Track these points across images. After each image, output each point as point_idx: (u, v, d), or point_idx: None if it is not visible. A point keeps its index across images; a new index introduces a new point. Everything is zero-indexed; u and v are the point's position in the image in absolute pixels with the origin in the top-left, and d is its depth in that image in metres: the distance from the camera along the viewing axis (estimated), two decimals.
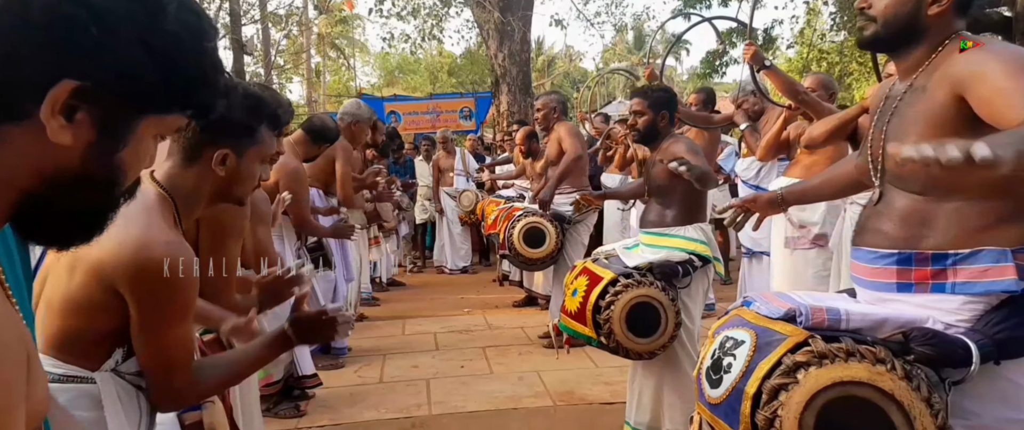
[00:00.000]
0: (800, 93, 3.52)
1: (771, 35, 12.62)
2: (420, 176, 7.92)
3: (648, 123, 2.98)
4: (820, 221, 3.65)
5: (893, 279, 1.46)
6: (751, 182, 4.86)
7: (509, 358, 4.45)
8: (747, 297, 1.62)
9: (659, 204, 3.03)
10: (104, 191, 0.70)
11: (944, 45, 1.45)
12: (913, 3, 1.45)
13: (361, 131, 4.51)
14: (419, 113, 12.04)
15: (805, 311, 1.36)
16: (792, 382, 1.28)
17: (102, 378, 1.27)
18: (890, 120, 1.51)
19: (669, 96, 3.07)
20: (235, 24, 17.50)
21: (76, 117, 0.63)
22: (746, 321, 1.47)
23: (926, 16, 1.44)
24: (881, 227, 1.51)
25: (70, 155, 0.65)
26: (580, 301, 2.78)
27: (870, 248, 1.52)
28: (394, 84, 27.67)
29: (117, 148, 0.68)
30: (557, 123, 4.90)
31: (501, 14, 10.49)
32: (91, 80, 0.63)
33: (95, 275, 1.21)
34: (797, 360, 1.29)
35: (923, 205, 1.44)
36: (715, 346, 1.48)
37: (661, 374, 2.90)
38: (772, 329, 1.39)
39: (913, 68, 1.48)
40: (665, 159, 2.86)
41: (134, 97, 0.67)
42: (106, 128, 0.66)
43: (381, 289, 6.73)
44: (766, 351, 1.34)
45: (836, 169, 1.96)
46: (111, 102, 0.65)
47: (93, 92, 0.63)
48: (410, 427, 3.39)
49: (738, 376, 1.36)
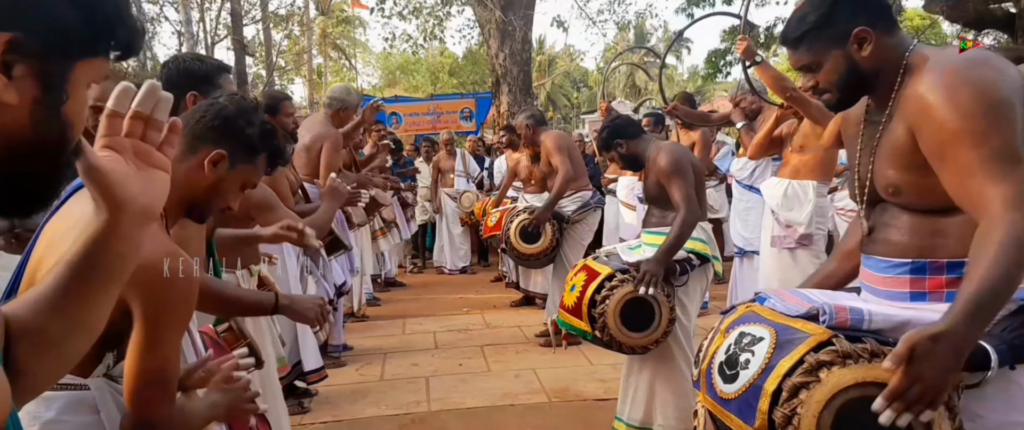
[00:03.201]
0: (789, 89, 3.50)
1: (773, 34, 12.57)
2: (420, 177, 7.97)
3: (623, 155, 3.12)
4: (805, 221, 3.69)
5: (907, 288, 1.44)
6: (745, 182, 4.89)
7: (506, 356, 4.53)
8: (760, 293, 1.59)
9: (659, 207, 3.10)
10: (56, 153, 0.70)
11: (905, 64, 1.42)
12: (844, 60, 1.44)
13: (349, 117, 4.41)
14: (420, 114, 12.05)
15: (829, 311, 1.33)
16: (814, 380, 1.26)
17: (96, 384, 1.24)
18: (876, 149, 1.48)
19: (614, 127, 3.17)
20: (236, 24, 17.54)
21: (14, 73, 0.63)
22: (763, 318, 1.44)
23: (863, 62, 1.43)
24: (890, 237, 1.48)
25: (19, 115, 0.64)
26: (577, 296, 2.82)
27: (881, 257, 1.49)
28: (395, 84, 27.68)
29: (61, 100, 0.68)
30: (540, 135, 4.91)
31: (502, 13, 10.54)
32: (22, 30, 0.62)
33: None
34: (820, 359, 1.27)
35: (930, 218, 1.42)
36: (730, 342, 1.44)
37: (655, 370, 2.94)
38: (793, 327, 1.36)
39: (885, 98, 1.46)
40: (654, 175, 2.99)
41: (63, 42, 0.67)
42: (47, 80, 0.66)
43: (382, 289, 6.81)
44: (787, 348, 1.32)
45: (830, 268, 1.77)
46: (44, 52, 0.65)
47: (26, 43, 0.63)
48: (410, 423, 3.46)
49: (757, 372, 1.33)
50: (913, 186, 1.41)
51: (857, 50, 1.43)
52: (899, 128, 1.40)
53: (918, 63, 1.41)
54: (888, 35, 1.44)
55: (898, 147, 1.40)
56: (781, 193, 3.83)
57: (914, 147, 1.37)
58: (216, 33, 19.20)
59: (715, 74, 14.38)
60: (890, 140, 1.43)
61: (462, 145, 8.53)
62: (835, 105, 1.54)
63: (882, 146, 1.46)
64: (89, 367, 1.24)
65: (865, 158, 1.52)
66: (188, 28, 16.66)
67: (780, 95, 3.62)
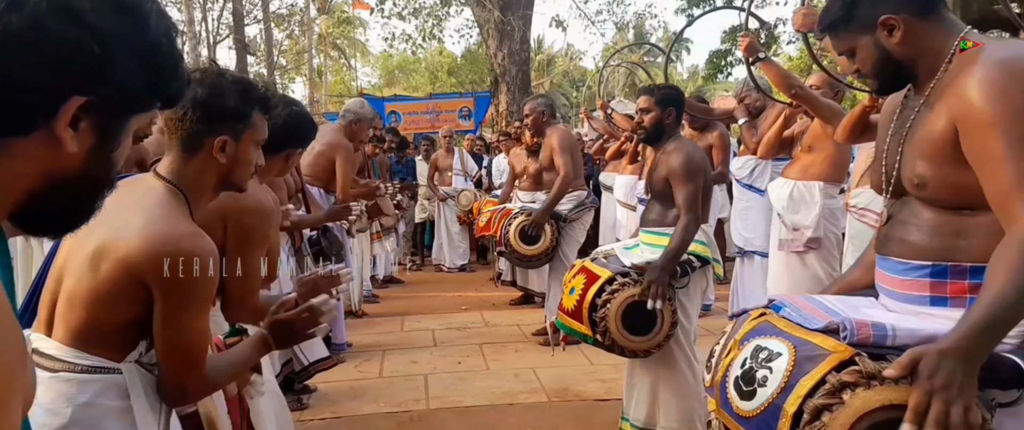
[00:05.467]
0: (794, 86, 3.42)
1: (774, 33, 12.52)
2: (420, 176, 7.98)
3: (654, 120, 2.97)
4: (813, 224, 3.60)
5: (926, 292, 1.36)
6: (745, 181, 4.81)
7: (505, 355, 4.52)
8: (775, 300, 1.51)
9: (660, 204, 3.05)
10: (100, 186, 0.77)
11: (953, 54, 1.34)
12: (877, 48, 1.40)
13: (362, 130, 4.53)
14: (419, 113, 12.09)
15: (850, 327, 1.25)
16: (837, 402, 1.19)
17: (128, 369, 1.32)
18: (906, 136, 1.41)
19: (677, 93, 3.07)
20: (238, 24, 17.57)
21: (80, 126, 0.69)
22: (779, 330, 1.36)
23: (895, 49, 1.38)
24: (908, 237, 1.40)
25: (74, 160, 0.71)
26: (577, 299, 2.79)
27: (899, 259, 1.41)
28: (395, 84, 27.73)
29: (114, 148, 0.75)
30: (548, 127, 4.86)
31: (501, 13, 10.54)
32: (95, 94, 0.69)
33: (124, 268, 1.25)
34: (843, 380, 1.20)
35: (955, 216, 1.34)
36: (746, 355, 1.37)
37: (657, 372, 2.92)
38: (811, 342, 1.28)
39: (925, 82, 1.39)
40: (664, 169, 2.90)
41: (127, 103, 0.74)
42: (105, 133, 0.73)
43: (380, 286, 6.80)
44: (807, 367, 1.24)
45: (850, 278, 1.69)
46: (110, 109, 0.72)
47: (97, 104, 0.69)
48: (409, 421, 3.45)
49: (775, 392, 1.26)
50: (942, 181, 1.33)
51: (887, 37, 1.38)
52: (940, 119, 1.31)
53: (968, 52, 1.32)
54: (925, 20, 1.37)
55: (934, 138, 1.32)
56: (786, 195, 3.74)
57: (952, 140, 1.28)
58: (218, 32, 19.21)
59: (716, 74, 14.37)
60: (925, 130, 1.35)
61: (460, 144, 8.52)
62: (877, 91, 1.51)
63: (914, 135, 1.38)
64: (123, 352, 1.33)
65: (894, 146, 1.44)
66: (191, 28, 16.68)
67: (786, 93, 3.55)
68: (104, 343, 1.30)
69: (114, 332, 1.31)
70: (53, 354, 1.30)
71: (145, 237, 1.26)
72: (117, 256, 1.26)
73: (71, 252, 1.33)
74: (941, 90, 1.33)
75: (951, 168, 1.30)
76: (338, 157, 4.22)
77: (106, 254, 1.26)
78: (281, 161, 2.21)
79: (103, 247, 1.27)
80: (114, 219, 1.27)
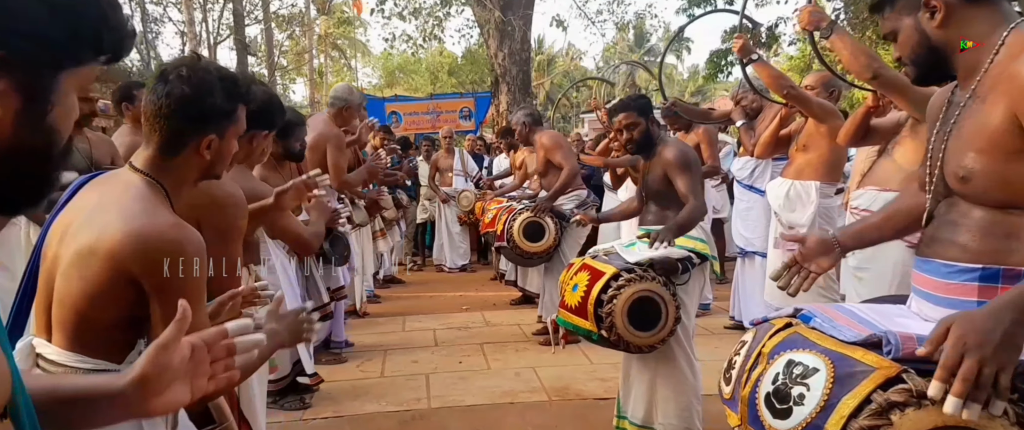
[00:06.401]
0: (786, 86, 3.47)
1: (774, 33, 12.53)
2: (421, 176, 8.00)
3: (643, 131, 3.06)
4: (807, 223, 3.64)
5: (974, 297, 1.29)
6: (745, 182, 4.85)
7: (506, 354, 4.54)
8: (803, 310, 1.43)
9: (658, 204, 3.09)
10: (43, 156, 0.71)
11: (1003, 43, 1.28)
12: (917, 32, 1.36)
13: (351, 116, 4.41)
14: (419, 113, 12.11)
15: (895, 341, 1.17)
16: (885, 424, 1.10)
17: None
18: (951, 131, 1.34)
19: (647, 98, 3.18)
20: (239, 25, 17.59)
21: None
22: (812, 343, 1.28)
23: (935, 33, 1.34)
24: (957, 239, 1.33)
25: (1, 127, 0.65)
26: (581, 295, 2.81)
27: (945, 261, 1.34)
28: (395, 84, 27.73)
29: (47, 110, 0.69)
30: (535, 134, 5.04)
31: (502, 13, 10.56)
32: (3, 49, 0.64)
33: (111, 265, 1.24)
34: (891, 399, 1.11)
35: (1006, 217, 1.27)
36: (777, 370, 1.28)
37: (656, 369, 2.95)
38: (851, 357, 1.19)
39: (970, 75, 1.33)
40: (660, 167, 2.97)
41: (47, 56, 0.68)
42: (29, 93, 0.67)
43: (381, 286, 6.83)
44: (848, 385, 1.16)
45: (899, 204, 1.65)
46: (27, 66, 0.66)
47: (7, 60, 0.64)
48: (410, 420, 3.48)
49: (815, 411, 1.17)
50: (991, 174, 1.26)
51: (928, 19, 1.34)
52: (995, 109, 1.24)
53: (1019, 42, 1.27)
54: (971, 5, 1.31)
55: (990, 130, 1.25)
56: (783, 194, 3.79)
57: (1011, 130, 1.22)
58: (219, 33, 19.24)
59: (716, 74, 14.36)
60: (976, 122, 1.29)
61: (461, 144, 8.54)
62: (914, 80, 1.46)
63: (962, 128, 1.31)
64: (123, 353, 1.31)
65: (938, 143, 1.37)
66: (191, 28, 16.70)
67: (778, 93, 3.60)
68: (101, 345, 1.29)
69: (108, 332, 1.30)
70: (55, 359, 1.29)
71: (129, 232, 1.24)
72: (103, 255, 1.24)
73: (58, 255, 1.31)
74: (992, 80, 1.27)
75: (1004, 162, 1.25)
76: (329, 146, 4.12)
77: (92, 254, 1.25)
78: (246, 144, 2.17)
79: (88, 247, 1.26)
80: (97, 219, 1.27)
